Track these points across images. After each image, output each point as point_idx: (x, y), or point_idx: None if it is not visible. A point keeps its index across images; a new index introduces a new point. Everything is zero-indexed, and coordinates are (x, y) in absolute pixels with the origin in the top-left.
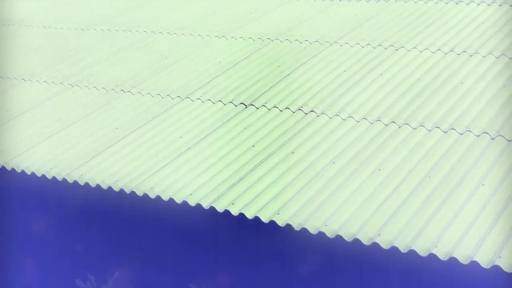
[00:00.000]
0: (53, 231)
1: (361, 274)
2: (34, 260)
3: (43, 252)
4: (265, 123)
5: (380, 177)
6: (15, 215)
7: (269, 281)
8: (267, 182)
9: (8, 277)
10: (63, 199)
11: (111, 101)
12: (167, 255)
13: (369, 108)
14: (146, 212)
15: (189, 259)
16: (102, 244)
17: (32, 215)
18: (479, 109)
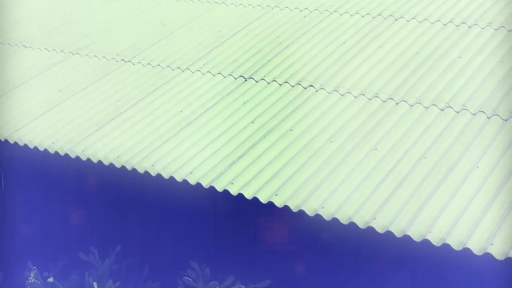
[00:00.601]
0: (56, 204)
1: (357, 257)
2: (37, 234)
3: (46, 226)
4: (264, 98)
5: (376, 158)
6: (19, 188)
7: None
8: (266, 160)
9: (11, 250)
10: (66, 172)
11: (112, 71)
12: (168, 231)
13: (367, 83)
14: (148, 187)
15: (190, 235)
16: (105, 219)
17: (36, 188)
18: (476, 86)
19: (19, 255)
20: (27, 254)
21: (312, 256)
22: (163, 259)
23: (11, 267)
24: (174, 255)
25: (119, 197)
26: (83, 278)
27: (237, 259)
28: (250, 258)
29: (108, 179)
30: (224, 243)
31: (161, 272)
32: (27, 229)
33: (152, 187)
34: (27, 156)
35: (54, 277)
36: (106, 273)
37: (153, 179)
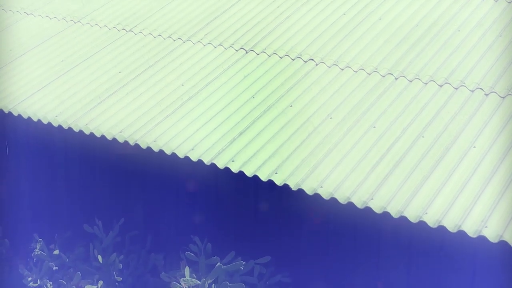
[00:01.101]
0: (60, 176)
1: (355, 234)
2: (42, 206)
3: (51, 198)
4: (264, 71)
5: (375, 135)
6: (24, 160)
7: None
8: (266, 137)
9: (17, 220)
10: (70, 145)
11: (113, 41)
12: (171, 205)
13: (366, 57)
14: (150, 161)
15: (192, 210)
16: (109, 192)
17: (40, 160)
18: (475, 61)
19: (25, 226)
20: (32, 225)
21: (312, 233)
22: (166, 232)
23: (17, 237)
24: (177, 229)
25: (122, 170)
26: (88, 250)
27: (238, 236)
28: (250, 235)
29: (111, 152)
30: (225, 219)
31: (163, 245)
32: (32, 201)
33: (155, 161)
34: (32, 128)
35: (59, 249)
36: (110, 246)
37: (155, 154)
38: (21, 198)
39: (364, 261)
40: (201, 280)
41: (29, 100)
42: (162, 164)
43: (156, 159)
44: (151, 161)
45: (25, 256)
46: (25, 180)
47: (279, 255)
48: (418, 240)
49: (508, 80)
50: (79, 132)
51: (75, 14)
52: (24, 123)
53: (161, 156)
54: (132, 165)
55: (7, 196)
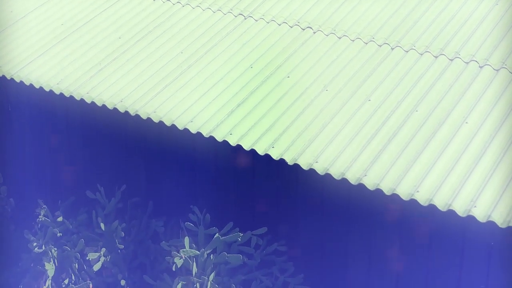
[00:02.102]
0: (63, 143)
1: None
2: (44, 172)
3: (53, 164)
4: (263, 39)
5: (370, 109)
6: (26, 126)
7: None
8: (263, 109)
9: (21, 184)
10: (72, 112)
11: (113, 3)
12: (171, 175)
13: (364, 24)
14: (151, 130)
15: (192, 180)
16: (110, 159)
17: (42, 126)
18: (470, 31)
19: (29, 189)
20: (36, 190)
21: (308, 206)
22: (166, 200)
23: (21, 199)
24: (177, 197)
25: (124, 138)
26: (90, 216)
27: (236, 207)
28: (248, 206)
29: (113, 120)
30: (223, 190)
31: (164, 212)
32: (36, 165)
33: (155, 129)
34: (34, 94)
35: (63, 215)
36: (112, 212)
37: (156, 123)
38: (25, 162)
39: (357, 232)
40: (200, 251)
41: (30, 65)
42: (162, 133)
43: (156, 128)
44: (152, 129)
45: (29, 221)
46: (29, 144)
47: (276, 225)
48: (410, 216)
49: (503, 52)
50: (80, 100)
51: None
52: (26, 89)
53: (162, 125)
54: (133, 133)
55: (11, 157)
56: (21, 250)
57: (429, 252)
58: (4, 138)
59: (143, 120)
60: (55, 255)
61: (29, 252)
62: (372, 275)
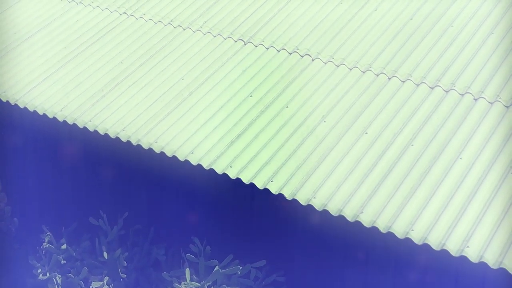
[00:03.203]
0: (66, 169)
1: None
2: (49, 199)
3: (57, 190)
4: (262, 66)
5: (367, 142)
6: (30, 150)
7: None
8: (263, 141)
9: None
10: (75, 139)
11: (115, 26)
12: (172, 204)
13: (361, 52)
14: (153, 159)
15: (193, 211)
16: (113, 186)
17: (46, 153)
18: (465, 61)
19: (33, 213)
20: (40, 216)
21: (307, 239)
22: (167, 229)
23: (26, 220)
24: (177, 227)
25: (126, 165)
26: (94, 244)
27: (236, 239)
28: (247, 238)
29: (115, 148)
30: (223, 222)
31: (165, 240)
32: (39, 191)
33: (157, 158)
34: (38, 120)
35: (67, 242)
36: (115, 239)
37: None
38: (30, 185)
39: (353, 265)
40: (201, 283)
41: (34, 91)
42: (164, 162)
43: (158, 157)
44: (154, 158)
45: (34, 246)
46: (33, 168)
47: (274, 257)
48: (405, 252)
49: (497, 84)
50: (83, 127)
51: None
52: (30, 114)
53: (163, 155)
54: (135, 160)
55: (16, 179)
56: (26, 275)
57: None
58: (10, 160)
59: (145, 149)
60: (59, 282)
61: (34, 278)
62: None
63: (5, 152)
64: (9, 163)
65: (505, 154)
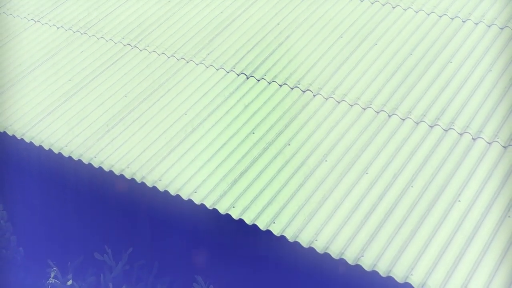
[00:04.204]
0: (72, 204)
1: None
2: (54, 234)
3: (62, 225)
4: (264, 101)
5: (367, 182)
6: (34, 185)
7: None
8: (265, 180)
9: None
10: (81, 174)
11: (118, 58)
12: (176, 242)
13: (362, 88)
14: (157, 196)
15: (197, 251)
16: (118, 222)
17: (52, 186)
18: (464, 100)
19: (38, 245)
20: (46, 249)
21: (309, 281)
22: (171, 265)
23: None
24: (181, 265)
25: (131, 202)
26: (99, 279)
27: (238, 280)
28: (249, 278)
29: (120, 184)
30: (226, 262)
31: (168, 275)
32: (45, 225)
33: (161, 196)
34: (44, 153)
35: (72, 277)
36: (119, 275)
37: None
38: (35, 217)
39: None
40: None
41: (40, 125)
42: (168, 198)
43: (162, 193)
44: (158, 194)
45: (40, 280)
46: (39, 201)
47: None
48: None
49: (496, 124)
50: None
51: (81, 23)
52: (36, 148)
53: (167, 192)
54: (140, 197)
55: (22, 211)
56: None
57: None
58: (16, 192)
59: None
60: None
61: None
62: None
63: (12, 184)
64: (15, 195)
65: (502, 197)
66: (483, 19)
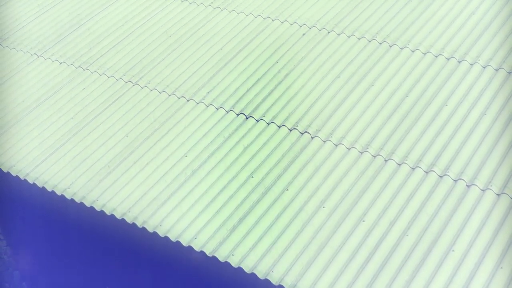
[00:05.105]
0: (73, 243)
1: None
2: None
3: (63, 263)
4: (263, 143)
5: (364, 230)
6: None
7: None
8: (263, 226)
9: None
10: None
11: (120, 95)
12: None
13: (359, 131)
14: (158, 241)
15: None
16: (119, 265)
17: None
18: (459, 144)
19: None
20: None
21: None
22: None
23: None
24: None
25: (131, 245)
26: None
27: None
28: None
29: (120, 227)
30: None
31: None
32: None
33: (161, 241)
34: (45, 194)
35: None
36: None
37: None
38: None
39: None
40: None
41: (43, 165)
42: (168, 242)
43: (162, 239)
44: (159, 241)
45: None
46: (42, 241)
47: None
48: None
49: (490, 171)
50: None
51: (83, 59)
52: (39, 189)
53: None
54: (141, 240)
55: (24, 247)
56: None
57: None
58: (19, 227)
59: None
60: None
61: None
62: None
63: (16, 221)
64: (19, 231)
65: (495, 247)
66: (478, 59)
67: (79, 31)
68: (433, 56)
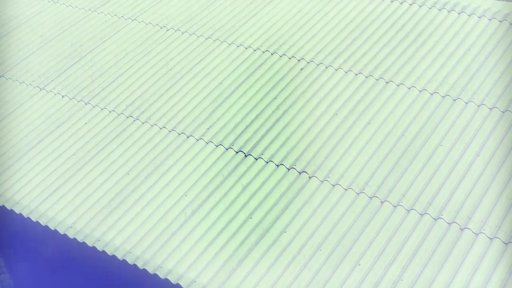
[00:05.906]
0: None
1: None
2: None
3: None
4: (262, 182)
5: (359, 274)
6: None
7: None
8: (262, 270)
9: None
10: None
11: (121, 131)
12: None
13: (356, 171)
14: (158, 283)
15: None
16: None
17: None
18: (453, 186)
19: None
20: None
21: None
22: None
23: None
24: None
25: (132, 283)
26: None
27: None
28: None
29: (122, 268)
30: None
31: None
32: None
33: (162, 282)
34: (47, 231)
35: None
36: None
37: None
38: None
39: None
40: None
41: (45, 203)
42: (168, 283)
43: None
44: (159, 282)
45: None
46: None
47: None
48: None
49: (483, 213)
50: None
51: (84, 92)
52: (41, 226)
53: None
54: (142, 281)
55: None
56: None
57: None
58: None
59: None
60: None
61: None
62: None
63: (18, 255)
64: (21, 265)
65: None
66: (473, 98)
67: (80, 63)
68: (428, 94)
